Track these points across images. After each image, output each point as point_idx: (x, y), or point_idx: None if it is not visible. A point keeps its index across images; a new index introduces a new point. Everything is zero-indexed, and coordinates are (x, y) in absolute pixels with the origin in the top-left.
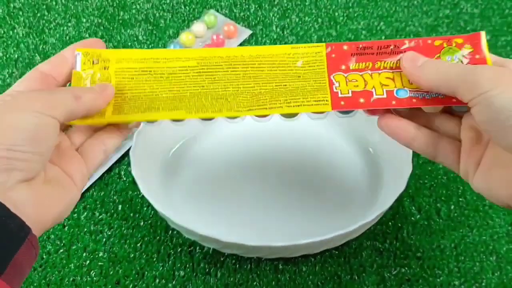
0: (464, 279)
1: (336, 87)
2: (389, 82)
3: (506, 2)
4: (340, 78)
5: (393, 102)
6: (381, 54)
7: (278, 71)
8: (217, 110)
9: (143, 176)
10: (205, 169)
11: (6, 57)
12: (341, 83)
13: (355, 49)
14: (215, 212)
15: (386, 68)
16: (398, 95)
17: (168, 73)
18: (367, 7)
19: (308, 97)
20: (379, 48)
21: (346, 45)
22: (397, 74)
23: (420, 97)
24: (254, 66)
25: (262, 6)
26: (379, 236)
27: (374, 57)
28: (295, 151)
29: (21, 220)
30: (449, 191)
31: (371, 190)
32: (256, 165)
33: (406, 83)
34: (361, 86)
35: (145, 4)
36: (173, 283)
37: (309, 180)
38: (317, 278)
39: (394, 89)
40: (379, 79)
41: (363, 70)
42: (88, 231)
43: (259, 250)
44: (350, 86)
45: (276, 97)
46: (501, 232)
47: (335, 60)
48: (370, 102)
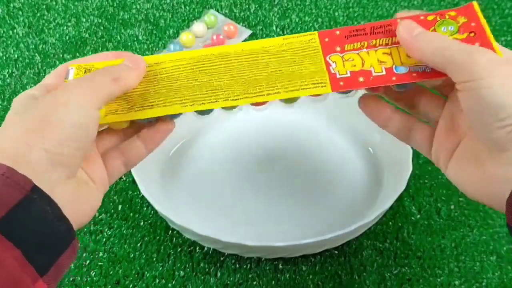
0: (464, 278)
1: (333, 68)
2: (387, 58)
3: (506, 2)
4: (336, 59)
5: (394, 78)
6: (375, 33)
7: (272, 58)
8: (213, 101)
9: (143, 176)
10: (205, 169)
11: (6, 57)
12: (337, 63)
13: (348, 32)
14: (215, 212)
15: (382, 44)
16: (397, 71)
17: (160, 73)
18: (367, 7)
19: (306, 80)
20: (372, 29)
21: (338, 31)
22: (394, 49)
23: (420, 71)
24: (248, 57)
25: (262, 6)
26: (380, 236)
27: (368, 36)
28: (295, 151)
29: (69, 224)
30: (449, 191)
31: (371, 190)
32: (256, 165)
33: (404, 59)
34: (359, 65)
35: (145, 4)
36: (173, 283)
37: (309, 180)
38: (317, 278)
39: (392, 66)
40: (376, 56)
41: (359, 49)
42: (88, 231)
43: (259, 250)
44: (347, 66)
45: (272, 82)
46: (501, 232)
47: (329, 43)
48: (369, 80)
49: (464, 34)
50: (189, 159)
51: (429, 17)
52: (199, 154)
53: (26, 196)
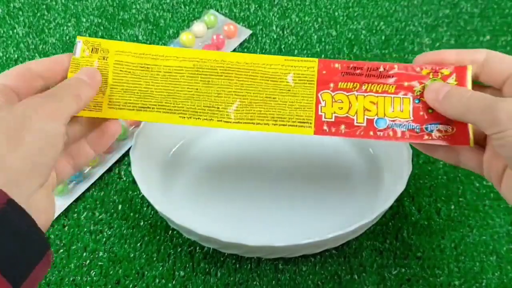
0: (464, 279)
1: (322, 107)
2: (372, 107)
3: (506, 2)
4: (327, 97)
5: (371, 133)
6: (369, 76)
7: (270, 82)
8: (208, 118)
9: (143, 176)
10: (205, 169)
11: (6, 57)
12: (327, 103)
13: (346, 68)
14: (215, 212)
15: (372, 91)
16: (377, 125)
17: (164, 71)
18: (367, 6)
19: (294, 117)
20: (369, 70)
21: (338, 63)
22: (381, 98)
23: (396, 129)
24: (248, 74)
25: (262, 6)
26: (379, 236)
27: (362, 78)
28: (295, 151)
29: (43, 235)
30: (449, 191)
31: (371, 190)
32: (256, 165)
33: (387, 110)
34: (345, 109)
35: (145, 4)
36: (173, 283)
37: (309, 180)
38: (317, 278)
39: (375, 118)
40: (363, 102)
41: (350, 90)
42: (88, 231)
43: (259, 250)
44: (335, 107)
45: (264, 111)
46: (501, 232)
47: (325, 76)
48: (350, 131)
49: None
50: (189, 159)
51: (424, 70)
52: (199, 154)
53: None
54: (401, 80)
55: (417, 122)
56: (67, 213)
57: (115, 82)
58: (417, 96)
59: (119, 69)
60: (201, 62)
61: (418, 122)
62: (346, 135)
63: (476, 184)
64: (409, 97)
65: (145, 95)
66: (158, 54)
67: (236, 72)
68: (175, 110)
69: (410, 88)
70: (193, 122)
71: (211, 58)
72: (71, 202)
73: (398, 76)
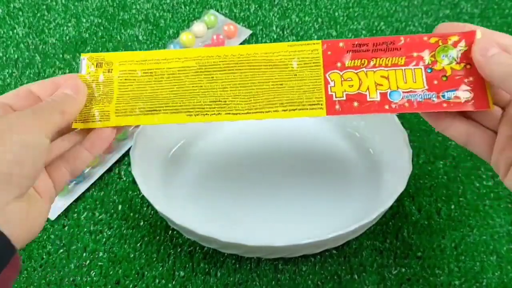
0: (464, 278)
1: (332, 87)
2: (384, 81)
3: (506, 2)
4: (336, 77)
5: (386, 107)
6: (376, 51)
7: (275, 69)
8: (216, 112)
9: (143, 176)
10: (205, 169)
11: (6, 57)
12: (336, 82)
13: (351, 46)
14: (215, 212)
15: (382, 65)
16: (392, 98)
17: (168, 73)
18: (367, 7)
19: (304, 100)
20: (375, 45)
21: (342, 42)
22: (391, 72)
23: (412, 99)
24: (251, 64)
25: (262, 6)
26: (379, 236)
27: (369, 54)
28: (295, 151)
29: (8, 240)
30: (449, 191)
31: (371, 190)
32: (256, 165)
33: (400, 82)
34: (356, 87)
35: (145, 4)
36: (173, 283)
37: (309, 180)
38: (317, 278)
39: (388, 91)
40: (374, 78)
41: (358, 67)
42: (88, 231)
43: (259, 250)
44: (345, 86)
45: (272, 99)
46: (501, 232)
47: (331, 57)
48: (363, 107)
49: (461, 64)
50: (189, 159)
51: (432, 39)
52: (199, 154)
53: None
54: (409, 51)
55: (432, 91)
56: (67, 213)
57: (121, 91)
58: (428, 65)
59: (124, 78)
60: (204, 59)
61: (434, 90)
62: (360, 111)
63: (476, 184)
64: (421, 67)
65: (151, 99)
66: (160, 58)
67: (239, 64)
68: (181, 109)
69: (420, 58)
70: (201, 119)
71: (213, 54)
72: (71, 202)
73: (406, 47)
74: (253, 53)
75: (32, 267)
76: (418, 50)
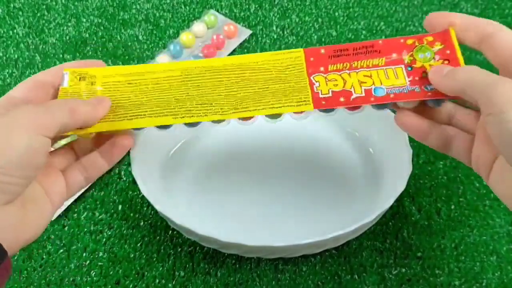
0: (464, 279)
1: (317, 87)
2: (367, 79)
3: (506, 2)
4: (320, 79)
5: (372, 99)
6: (357, 54)
7: (260, 75)
8: (203, 114)
9: (143, 176)
10: (205, 169)
11: (6, 57)
12: (321, 83)
13: (332, 51)
14: (215, 212)
15: (363, 67)
16: (376, 93)
17: (152, 83)
18: (367, 7)
19: (290, 98)
20: (355, 50)
21: (323, 49)
22: (374, 71)
23: (397, 92)
24: (236, 72)
25: (262, 6)
26: (379, 236)
27: (350, 57)
28: (295, 151)
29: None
30: (449, 191)
31: (371, 190)
32: (256, 165)
33: (383, 80)
34: (341, 85)
35: (145, 4)
36: (173, 283)
37: (309, 180)
38: (317, 278)
39: (372, 87)
40: (357, 77)
41: (341, 70)
42: (88, 231)
43: (259, 250)
44: (330, 85)
45: (259, 99)
46: (501, 232)
47: (314, 62)
48: (350, 101)
49: (439, 61)
50: (189, 159)
51: (408, 40)
52: (199, 154)
53: None
54: (388, 52)
55: (415, 85)
56: (67, 213)
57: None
58: (408, 64)
59: (107, 90)
60: (189, 70)
61: (416, 84)
62: (346, 104)
63: (476, 184)
64: (401, 66)
65: (136, 106)
66: (145, 71)
67: (225, 73)
68: (167, 112)
69: (400, 58)
70: (187, 120)
71: (198, 65)
72: (71, 202)
73: (385, 49)
74: (238, 63)
75: (32, 267)
76: (396, 52)
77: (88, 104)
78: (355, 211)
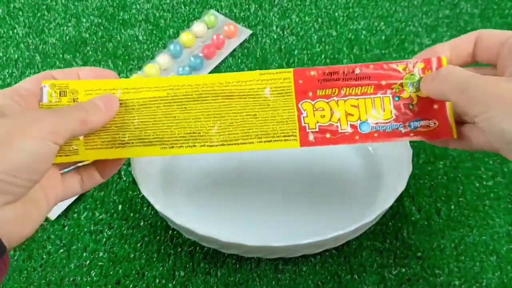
0: (464, 279)
1: (304, 118)
2: (354, 111)
3: (506, 2)
4: (308, 107)
5: (357, 137)
6: (347, 79)
7: (248, 99)
8: (191, 145)
9: (143, 176)
10: (205, 169)
11: (6, 57)
12: (308, 112)
13: (322, 74)
14: (215, 212)
15: (352, 94)
16: (361, 130)
17: (139, 104)
18: (367, 7)
19: (278, 131)
20: (345, 74)
21: (313, 71)
22: (361, 101)
23: (381, 130)
24: (224, 94)
25: (262, 6)
26: (379, 236)
27: (340, 83)
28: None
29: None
30: (449, 191)
31: (371, 190)
32: (256, 165)
33: (369, 112)
34: (327, 117)
35: (145, 4)
36: (173, 283)
37: (309, 180)
38: (317, 278)
39: (358, 122)
40: (344, 107)
41: (329, 96)
42: (88, 231)
43: (259, 250)
44: (317, 117)
45: (247, 130)
46: (501, 232)
47: (302, 86)
48: (335, 138)
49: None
50: (189, 159)
51: (400, 66)
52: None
53: None
54: (378, 79)
55: (399, 121)
56: (67, 213)
57: None
58: (396, 93)
59: None
60: (175, 89)
61: (401, 120)
62: (333, 142)
63: (476, 184)
64: (389, 96)
65: (122, 130)
66: (129, 87)
67: (212, 94)
68: (155, 141)
69: (389, 86)
70: (175, 151)
71: (184, 84)
72: (71, 202)
73: (375, 75)
74: (225, 82)
75: (32, 267)
76: (386, 78)
77: (98, 112)
78: (355, 211)
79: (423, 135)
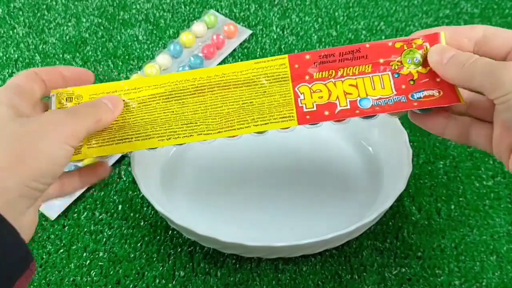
0: (464, 278)
1: (301, 100)
2: (353, 90)
3: (506, 2)
4: (305, 90)
5: (357, 111)
6: (343, 60)
7: (244, 88)
8: (188, 135)
9: (143, 176)
10: (205, 169)
11: (6, 57)
12: (306, 95)
13: (317, 57)
14: (215, 212)
15: (349, 74)
16: (361, 105)
17: (138, 102)
18: (367, 7)
19: (275, 114)
20: (341, 55)
21: (308, 55)
22: (360, 80)
23: (383, 104)
24: (220, 85)
25: (262, 6)
26: (380, 236)
27: (336, 64)
28: (295, 151)
29: (27, 249)
30: (449, 191)
31: (371, 190)
32: (256, 165)
33: (369, 90)
34: (325, 97)
35: (145, 4)
36: (173, 283)
37: (309, 180)
38: (318, 278)
39: (357, 99)
40: (342, 87)
41: (326, 78)
42: (88, 231)
43: (259, 250)
44: (314, 98)
45: (243, 116)
46: (501, 232)
47: (299, 70)
48: (334, 114)
49: (427, 67)
50: (189, 159)
51: (397, 44)
52: (199, 154)
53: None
54: (376, 57)
55: (401, 94)
56: (67, 213)
57: None
58: (395, 70)
59: None
60: (173, 85)
61: (403, 94)
62: (331, 118)
63: (476, 184)
64: (388, 73)
65: (122, 129)
66: (130, 88)
67: (208, 87)
68: (153, 135)
69: (387, 63)
70: (173, 142)
71: (182, 79)
72: (71, 202)
73: (372, 54)
74: (221, 74)
75: None
76: (384, 56)
77: (109, 111)
78: (355, 211)
79: (427, 104)
